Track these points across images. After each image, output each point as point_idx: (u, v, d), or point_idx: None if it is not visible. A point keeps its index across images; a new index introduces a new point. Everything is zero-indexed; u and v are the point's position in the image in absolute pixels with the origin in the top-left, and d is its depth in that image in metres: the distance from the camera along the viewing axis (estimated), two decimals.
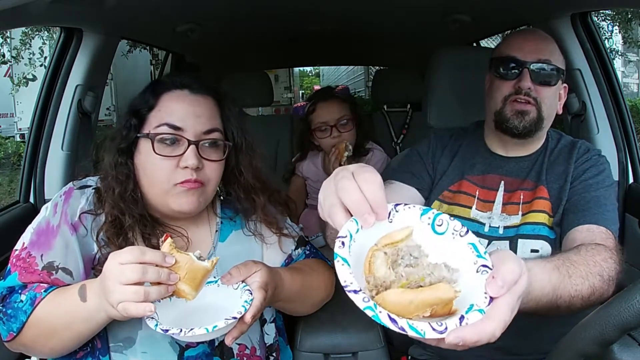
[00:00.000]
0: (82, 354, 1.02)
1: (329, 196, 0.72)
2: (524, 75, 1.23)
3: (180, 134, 1.03)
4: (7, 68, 6.53)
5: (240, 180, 1.14)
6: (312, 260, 1.24)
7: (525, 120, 1.23)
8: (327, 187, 0.74)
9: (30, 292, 0.97)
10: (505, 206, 1.26)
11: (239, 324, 0.93)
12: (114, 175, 1.04)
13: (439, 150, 1.38)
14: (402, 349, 1.43)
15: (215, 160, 1.06)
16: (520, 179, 1.28)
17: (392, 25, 2.29)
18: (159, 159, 1.02)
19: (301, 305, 1.20)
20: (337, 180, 0.72)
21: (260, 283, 0.97)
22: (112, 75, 7.27)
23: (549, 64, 1.25)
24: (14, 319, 0.96)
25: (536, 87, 1.23)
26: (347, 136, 1.98)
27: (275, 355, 1.17)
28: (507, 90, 1.25)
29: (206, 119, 1.06)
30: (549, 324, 1.19)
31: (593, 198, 1.19)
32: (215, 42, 2.50)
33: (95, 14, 1.50)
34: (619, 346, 0.70)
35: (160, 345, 1.01)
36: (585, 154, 1.28)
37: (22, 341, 0.97)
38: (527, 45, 1.26)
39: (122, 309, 0.85)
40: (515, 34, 1.37)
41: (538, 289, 0.83)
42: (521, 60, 1.24)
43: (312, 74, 24.56)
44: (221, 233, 1.16)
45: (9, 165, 7.72)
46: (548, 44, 1.28)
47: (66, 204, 1.05)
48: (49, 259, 1.01)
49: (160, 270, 0.86)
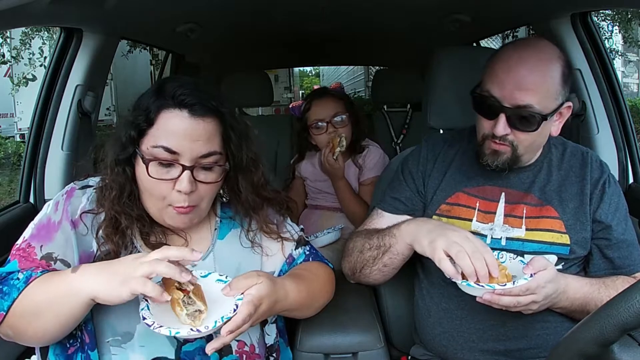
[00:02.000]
0: (73, 350, 1.02)
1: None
2: (500, 121, 1.15)
3: (175, 159, 1.01)
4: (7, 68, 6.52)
5: (239, 198, 1.14)
6: (313, 264, 1.24)
7: (499, 161, 1.20)
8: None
9: (27, 272, 0.98)
10: (507, 217, 1.24)
11: (219, 337, 0.93)
12: (112, 179, 1.05)
13: (431, 163, 1.35)
14: (402, 349, 1.43)
15: (210, 182, 1.05)
16: (522, 192, 1.25)
17: (392, 25, 2.29)
18: (155, 180, 1.01)
19: (305, 311, 1.20)
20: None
21: (253, 297, 0.97)
22: (112, 75, 7.28)
23: (527, 111, 1.13)
24: (7, 296, 0.96)
25: (513, 131, 1.16)
26: (342, 132, 1.99)
27: (275, 356, 1.17)
28: (486, 129, 1.20)
29: (204, 142, 1.02)
30: (553, 329, 1.20)
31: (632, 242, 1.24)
32: (215, 42, 2.50)
33: (95, 14, 1.50)
34: (619, 346, 0.70)
35: (158, 340, 1.01)
36: (599, 170, 1.26)
37: (10, 322, 0.96)
38: (507, 82, 1.13)
39: (135, 284, 0.89)
40: (502, 56, 1.17)
41: (572, 291, 1.13)
42: (498, 104, 1.15)
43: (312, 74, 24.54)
44: (220, 231, 1.16)
45: (9, 165, 7.71)
46: (535, 75, 1.13)
47: (68, 202, 1.07)
48: (48, 250, 1.02)
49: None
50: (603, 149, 1.69)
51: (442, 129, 1.58)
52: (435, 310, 1.29)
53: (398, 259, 1.25)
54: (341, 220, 2.04)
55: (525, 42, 1.21)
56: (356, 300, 1.36)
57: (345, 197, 1.99)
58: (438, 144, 1.38)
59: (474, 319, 1.22)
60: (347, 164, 2.04)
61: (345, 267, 1.37)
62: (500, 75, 1.16)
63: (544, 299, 1.07)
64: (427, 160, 1.36)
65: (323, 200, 2.14)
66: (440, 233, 1.10)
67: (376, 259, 1.27)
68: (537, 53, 1.15)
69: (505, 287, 1.02)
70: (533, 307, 1.08)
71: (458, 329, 1.24)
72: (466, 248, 1.04)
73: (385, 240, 1.24)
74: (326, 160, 1.92)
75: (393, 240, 1.22)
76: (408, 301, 1.41)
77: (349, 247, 1.35)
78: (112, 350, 1.01)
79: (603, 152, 1.67)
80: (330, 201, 2.11)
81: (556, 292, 1.09)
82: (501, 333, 1.20)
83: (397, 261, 1.25)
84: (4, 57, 5.78)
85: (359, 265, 1.31)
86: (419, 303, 1.34)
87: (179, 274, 0.91)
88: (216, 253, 1.13)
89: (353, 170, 2.06)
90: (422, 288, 1.33)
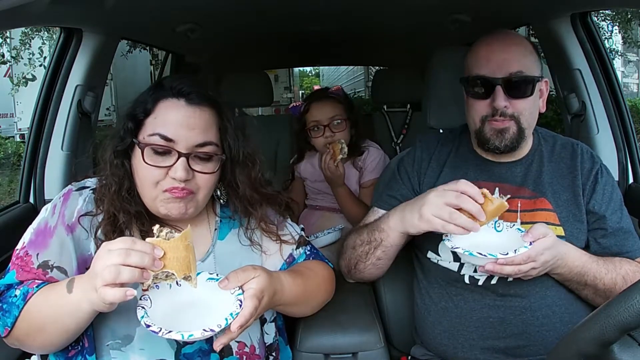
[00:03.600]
0: (73, 353, 1.03)
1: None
2: (497, 94, 1.19)
3: (171, 146, 1.01)
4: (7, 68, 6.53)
5: (237, 192, 1.14)
6: (312, 262, 1.24)
7: (506, 139, 1.21)
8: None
9: (24, 288, 0.99)
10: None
11: (227, 332, 0.93)
12: (110, 174, 1.06)
13: (425, 163, 1.36)
14: (402, 349, 1.43)
15: (206, 172, 1.05)
16: (515, 186, 1.27)
17: (392, 25, 2.29)
18: (149, 167, 1.02)
19: (303, 308, 1.21)
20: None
21: (255, 291, 0.97)
22: (112, 75, 7.28)
23: (520, 75, 1.19)
24: (8, 313, 0.97)
25: (512, 102, 1.20)
26: (340, 136, 1.99)
27: (274, 355, 1.17)
28: (484, 111, 1.22)
29: (200, 131, 1.03)
30: (553, 325, 1.20)
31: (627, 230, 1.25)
32: (215, 42, 2.50)
33: (95, 14, 1.50)
34: (619, 346, 0.70)
35: (158, 342, 1.01)
36: (590, 160, 1.27)
37: (17, 336, 0.98)
38: (493, 58, 1.20)
39: (100, 294, 0.85)
40: (480, 45, 1.26)
41: (571, 260, 1.15)
42: (491, 79, 1.20)
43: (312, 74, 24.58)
44: (220, 231, 1.16)
45: (9, 165, 7.71)
46: (515, 50, 1.22)
47: (64, 205, 1.07)
48: (44, 258, 1.03)
49: (145, 256, 0.86)
50: (603, 149, 1.69)
51: (442, 128, 1.58)
52: (434, 309, 1.29)
53: (392, 250, 1.27)
54: (341, 220, 2.04)
55: (496, 31, 1.28)
56: (356, 300, 1.36)
57: (347, 202, 1.98)
58: (432, 143, 1.40)
59: (473, 317, 1.23)
60: (346, 166, 2.04)
61: (341, 266, 1.38)
62: (484, 55, 1.23)
63: (543, 265, 1.11)
64: (422, 160, 1.37)
65: (323, 200, 2.14)
66: (421, 204, 1.13)
67: (368, 254, 1.28)
68: (510, 35, 1.27)
69: (507, 257, 1.05)
70: (532, 273, 1.12)
71: (457, 327, 1.25)
72: (449, 200, 1.07)
73: (375, 236, 1.25)
74: (327, 167, 1.91)
75: (384, 235, 1.24)
76: (408, 301, 1.41)
77: (344, 245, 1.37)
78: (112, 353, 1.01)
79: (603, 152, 1.67)
80: (330, 202, 2.11)
81: (554, 258, 1.12)
82: (500, 331, 1.21)
83: (392, 252, 1.27)
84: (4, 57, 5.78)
85: (353, 262, 1.32)
86: (418, 302, 1.34)
87: (141, 277, 0.87)
88: (216, 253, 1.13)
89: (353, 173, 2.06)
90: (421, 287, 1.34)
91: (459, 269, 1.25)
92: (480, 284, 1.23)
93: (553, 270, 1.16)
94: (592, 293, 1.18)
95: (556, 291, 1.20)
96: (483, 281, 1.23)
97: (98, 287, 0.85)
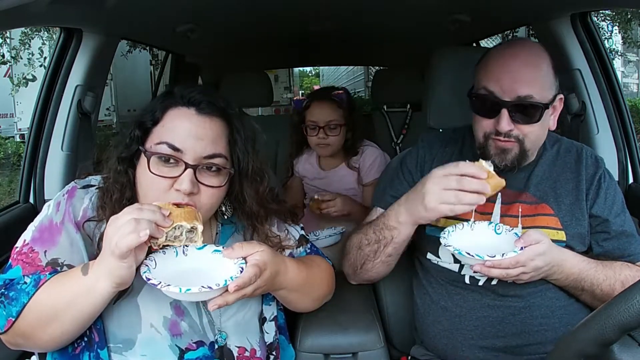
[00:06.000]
0: (79, 349, 1.00)
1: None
2: (502, 117, 1.15)
3: (178, 156, 0.98)
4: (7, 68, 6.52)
5: (243, 207, 1.11)
6: (314, 256, 1.24)
7: (507, 159, 1.19)
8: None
9: (35, 275, 0.96)
10: (503, 218, 1.24)
11: (224, 294, 0.93)
12: (113, 181, 1.04)
13: (428, 163, 1.34)
14: (402, 349, 1.43)
15: (213, 186, 1.02)
16: (517, 191, 1.26)
17: (392, 25, 2.29)
18: (154, 177, 0.99)
19: (304, 297, 1.19)
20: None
21: (258, 261, 0.97)
22: (112, 75, 7.28)
23: (529, 101, 1.14)
24: (15, 301, 0.94)
25: (517, 125, 1.17)
26: (333, 140, 2.02)
27: (275, 354, 1.16)
28: (488, 128, 1.20)
29: (209, 142, 1.00)
30: (552, 325, 1.20)
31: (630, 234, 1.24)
32: (215, 42, 2.50)
33: (95, 14, 1.50)
34: (619, 346, 0.70)
35: (160, 348, 1.00)
36: (594, 165, 1.27)
37: (20, 328, 0.95)
38: (503, 78, 1.16)
39: (118, 244, 0.86)
40: (494, 57, 1.21)
41: (568, 267, 1.14)
42: (499, 100, 1.16)
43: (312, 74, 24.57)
44: (222, 235, 1.15)
45: (9, 165, 7.72)
46: (528, 72, 1.16)
47: (69, 202, 1.04)
48: (53, 256, 1.00)
49: (156, 211, 0.91)
50: (603, 149, 1.69)
51: (442, 129, 1.58)
52: (434, 308, 1.29)
53: (403, 245, 1.26)
54: (341, 221, 2.04)
55: (513, 41, 1.25)
56: (356, 300, 1.36)
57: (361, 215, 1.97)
58: (435, 144, 1.39)
59: (472, 317, 1.23)
60: (342, 168, 2.05)
61: (345, 267, 1.37)
62: (496, 72, 1.18)
63: (534, 271, 1.11)
64: (425, 160, 1.37)
65: None
66: (422, 195, 1.11)
67: (377, 252, 1.27)
68: (526, 49, 1.20)
69: (494, 259, 1.07)
70: (524, 278, 1.12)
71: (457, 326, 1.25)
72: (452, 186, 1.07)
73: (384, 234, 1.24)
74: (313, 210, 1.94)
75: (395, 232, 1.22)
76: (408, 301, 1.41)
77: (347, 246, 1.36)
78: (114, 357, 0.99)
79: (603, 152, 1.66)
80: None
81: (548, 265, 1.12)
82: (500, 330, 1.21)
83: (402, 247, 1.27)
84: (4, 58, 5.77)
85: (360, 262, 1.31)
86: (418, 302, 1.34)
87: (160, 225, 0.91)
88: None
89: (349, 173, 2.07)
90: (421, 287, 1.34)
91: (460, 270, 1.25)
92: (480, 284, 1.23)
93: (549, 277, 1.16)
94: (589, 298, 1.19)
95: (556, 292, 1.20)
96: (483, 282, 1.23)
97: (116, 241, 0.86)
